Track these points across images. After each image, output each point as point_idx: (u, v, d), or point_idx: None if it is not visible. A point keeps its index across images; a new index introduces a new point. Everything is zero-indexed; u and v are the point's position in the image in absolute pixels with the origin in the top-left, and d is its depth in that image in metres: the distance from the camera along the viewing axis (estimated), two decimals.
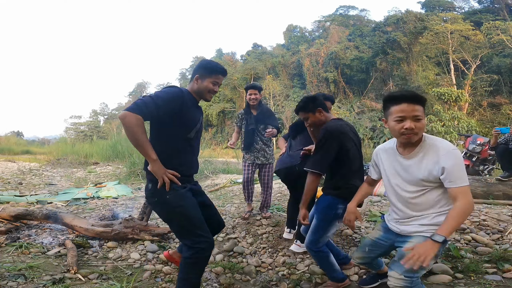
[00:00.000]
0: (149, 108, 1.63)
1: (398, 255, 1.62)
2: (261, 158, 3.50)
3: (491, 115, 20.25)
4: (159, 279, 2.33)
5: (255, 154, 3.51)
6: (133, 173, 8.22)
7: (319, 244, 2.03)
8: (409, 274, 1.52)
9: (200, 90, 1.90)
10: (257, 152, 3.51)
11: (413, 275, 1.53)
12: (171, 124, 1.76)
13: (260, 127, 3.49)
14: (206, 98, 1.95)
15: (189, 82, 1.99)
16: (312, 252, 2.08)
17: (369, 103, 25.31)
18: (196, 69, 1.94)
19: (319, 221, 2.04)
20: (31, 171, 9.36)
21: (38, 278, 2.17)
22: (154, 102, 1.65)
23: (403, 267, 1.49)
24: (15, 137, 35.02)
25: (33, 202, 4.88)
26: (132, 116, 1.58)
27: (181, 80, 53.06)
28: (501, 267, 2.30)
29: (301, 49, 30.93)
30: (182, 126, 1.81)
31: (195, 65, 1.97)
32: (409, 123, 1.49)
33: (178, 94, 1.77)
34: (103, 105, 54.17)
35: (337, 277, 2.13)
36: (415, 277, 1.55)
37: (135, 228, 2.94)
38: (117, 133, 28.38)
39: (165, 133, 1.77)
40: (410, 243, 1.58)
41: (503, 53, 21.18)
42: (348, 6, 39.12)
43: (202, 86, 1.90)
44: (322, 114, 2.12)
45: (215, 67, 1.92)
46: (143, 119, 1.62)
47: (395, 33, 25.40)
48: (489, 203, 3.83)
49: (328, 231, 2.04)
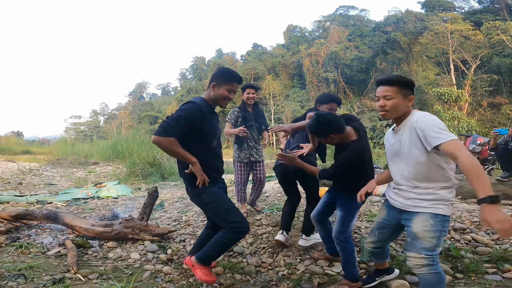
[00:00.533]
0: (175, 130, 1.88)
1: (410, 236, 1.65)
2: (255, 155, 3.58)
3: (491, 115, 20.27)
4: (159, 279, 2.34)
5: (249, 151, 3.57)
6: (133, 173, 8.22)
7: (346, 234, 2.17)
8: (429, 252, 1.58)
9: (216, 97, 2.06)
10: (251, 149, 3.58)
11: (432, 253, 1.58)
12: (195, 137, 1.99)
13: (255, 126, 3.58)
14: (221, 105, 2.10)
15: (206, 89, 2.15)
16: (341, 243, 2.17)
17: (369, 103, 25.33)
18: (213, 77, 2.08)
19: (344, 212, 2.20)
20: (31, 171, 9.36)
21: (38, 278, 2.17)
22: (178, 123, 1.88)
23: (420, 247, 1.58)
24: (15, 137, 35.05)
25: (33, 202, 4.88)
26: (163, 139, 1.86)
27: (181, 80, 53.08)
28: (501, 267, 2.30)
29: (301, 49, 30.95)
30: (205, 137, 2.05)
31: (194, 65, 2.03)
32: (380, 101, 1.71)
33: (197, 110, 1.97)
34: (103, 105, 54.28)
35: (354, 275, 2.17)
36: (435, 254, 1.59)
37: (135, 228, 2.94)
38: (117, 133, 28.39)
39: (191, 145, 1.99)
40: (417, 221, 1.60)
41: (503, 53, 21.19)
42: (348, 6, 39.19)
43: (218, 93, 2.05)
44: (335, 137, 2.08)
45: (230, 74, 2.06)
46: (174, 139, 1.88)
47: (395, 33, 25.42)
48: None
49: (352, 220, 2.21)
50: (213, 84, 2.05)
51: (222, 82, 2.03)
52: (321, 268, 2.46)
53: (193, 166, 1.98)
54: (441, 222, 1.56)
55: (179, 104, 41.56)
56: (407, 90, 1.67)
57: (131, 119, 46.51)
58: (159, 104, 49.08)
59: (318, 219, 2.43)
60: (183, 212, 4.12)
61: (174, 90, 57.83)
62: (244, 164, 3.58)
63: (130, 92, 58.33)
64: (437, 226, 1.56)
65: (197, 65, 48.35)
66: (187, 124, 1.91)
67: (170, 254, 2.74)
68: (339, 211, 2.23)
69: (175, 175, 7.61)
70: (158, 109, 45.83)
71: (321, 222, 2.44)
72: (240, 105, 3.63)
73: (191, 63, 50.28)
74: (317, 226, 2.48)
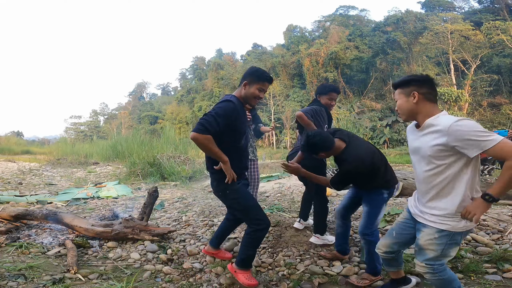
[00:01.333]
0: (213, 127, 1.93)
1: (416, 245, 1.67)
2: (251, 154, 3.66)
3: (491, 115, 20.27)
4: (159, 279, 2.34)
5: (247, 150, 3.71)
6: (133, 173, 8.22)
7: (372, 228, 2.18)
8: (430, 262, 1.59)
9: (247, 95, 2.10)
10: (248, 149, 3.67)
11: (433, 263, 1.59)
12: (227, 134, 2.04)
13: (251, 127, 3.74)
14: (251, 104, 2.15)
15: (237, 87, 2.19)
16: (366, 237, 2.18)
17: (369, 103, 25.34)
18: (245, 76, 2.12)
19: (369, 208, 2.20)
20: (31, 171, 9.37)
21: (38, 278, 2.17)
22: (216, 121, 1.93)
23: (422, 256, 1.61)
24: (15, 137, 35.08)
25: (33, 202, 4.88)
26: (201, 137, 1.91)
27: (181, 80, 53.07)
28: (501, 267, 2.30)
29: (301, 49, 30.92)
30: (236, 135, 2.12)
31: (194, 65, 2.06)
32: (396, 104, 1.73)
33: (233, 109, 2.03)
34: (103, 105, 54.29)
35: (377, 269, 2.19)
36: (436, 265, 1.59)
37: (135, 228, 2.94)
38: (117, 133, 28.41)
39: (221, 142, 2.02)
40: (422, 233, 1.61)
41: (503, 53, 21.19)
42: (348, 6, 39.16)
43: (249, 92, 2.09)
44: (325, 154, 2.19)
45: (262, 74, 2.10)
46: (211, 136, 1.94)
47: (395, 33, 25.41)
48: None
49: (378, 214, 2.20)
50: (245, 82, 2.09)
51: (254, 81, 2.07)
52: (321, 268, 2.46)
53: (224, 164, 2.04)
54: (447, 236, 1.54)
55: (179, 104, 41.78)
56: (410, 87, 1.62)
57: (131, 119, 46.55)
58: (159, 104, 49.11)
59: (342, 214, 2.44)
60: (183, 212, 4.12)
61: (174, 90, 57.84)
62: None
63: (130, 92, 58.36)
64: (442, 239, 1.54)
65: (197, 65, 48.35)
66: (223, 122, 1.96)
67: (170, 254, 2.74)
68: (365, 206, 2.24)
69: (175, 175, 7.62)
70: (158, 109, 45.87)
71: (344, 218, 2.44)
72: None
73: (191, 63, 50.32)
74: (338, 220, 2.48)
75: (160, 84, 65.05)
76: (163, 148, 9.80)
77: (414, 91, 1.60)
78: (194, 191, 6.07)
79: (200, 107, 30.96)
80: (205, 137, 1.91)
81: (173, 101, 45.14)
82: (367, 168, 2.06)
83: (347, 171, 2.09)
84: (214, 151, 1.99)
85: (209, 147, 1.96)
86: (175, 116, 38.12)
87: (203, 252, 2.66)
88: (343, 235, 2.48)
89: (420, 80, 1.63)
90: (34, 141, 44.39)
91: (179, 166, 8.16)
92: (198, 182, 7.30)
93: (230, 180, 2.07)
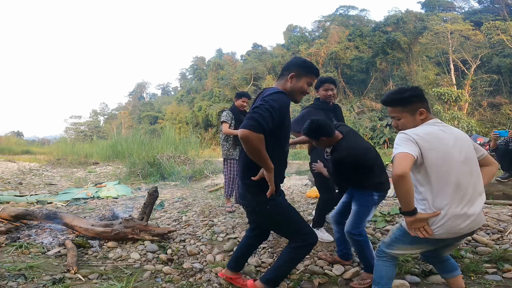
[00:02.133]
0: (268, 123, 1.55)
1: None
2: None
3: (491, 115, 20.24)
4: (159, 279, 2.33)
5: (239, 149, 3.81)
6: (133, 173, 8.22)
7: (359, 228, 2.17)
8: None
9: (294, 89, 1.77)
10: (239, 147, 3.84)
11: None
12: (274, 135, 1.69)
13: None
14: (297, 99, 1.82)
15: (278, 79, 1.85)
16: (353, 237, 2.18)
17: (369, 103, 25.31)
18: (290, 66, 1.80)
19: (358, 207, 2.21)
20: (31, 171, 9.37)
21: (38, 278, 2.17)
22: (271, 115, 1.56)
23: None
24: (15, 137, 35.09)
25: (33, 202, 4.88)
26: (255, 136, 1.52)
27: (181, 80, 53.03)
28: (501, 267, 2.30)
29: (301, 49, 30.90)
30: (284, 136, 1.79)
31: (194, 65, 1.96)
32: (393, 122, 1.68)
33: (288, 103, 1.71)
34: (103, 105, 54.24)
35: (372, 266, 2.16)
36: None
37: (135, 228, 2.94)
38: (117, 133, 28.40)
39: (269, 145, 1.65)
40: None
41: (503, 53, 21.17)
42: (348, 6, 39.10)
43: (297, 86, 1.77)
44: (325, 140, 2.19)
45: (312, 66, 1.81)
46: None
47: (395, 33, 25.39)
48: (489, 203, 3.83)
49: (367, 215, 2.20)
50: (292, 74, 1.75)
51: (303, 74, 1.76)
52: (321, 268, 2.46)
53: (268, 172, 1.67)
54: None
55: (179, 104, 41.75)
56: (413, 105, 1.57)
57: (131, 119, 46.50)
58: (159, 104, 49.05)
59: (337, 220, 2.43)
60: (183, 212, 4.12)
61: (174, 90, 57.77)
62: (235, 161, 3.94)
63: (130, 92, 58.27)
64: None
65: (197, 65, 48.31)
66: (277, 118, 1.60)
67: (170, 254, 2.74)
68: (354, 205, 2.24)
69: (175, 175, 7.62)
70: (158, 109, 45.82)
71: (339, 223, 2.42)
72: (231, 108, 3.99)
73: (191, 63, 50.22)
74: (334, 227, 2.47)
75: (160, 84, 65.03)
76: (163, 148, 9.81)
77: (421, 109, 1.56)
78: (194, 191, 6.07)
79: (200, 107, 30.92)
80: (259, 136, 1.52)
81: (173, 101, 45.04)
82: (359, 161, 2.09)
83: (340, 158, 2.13)
84: (262, 155, 1.60)
85: (259, 149, 1.56)
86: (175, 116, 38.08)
87: (219, 275, 2.28)
88: (343, 240, 2.44)
89: (420, 95, 1.59)
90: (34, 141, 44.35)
91: (179, 166, 8.17)
92: (198, 182, 7.30)
93: (271, 193, 1.72)
